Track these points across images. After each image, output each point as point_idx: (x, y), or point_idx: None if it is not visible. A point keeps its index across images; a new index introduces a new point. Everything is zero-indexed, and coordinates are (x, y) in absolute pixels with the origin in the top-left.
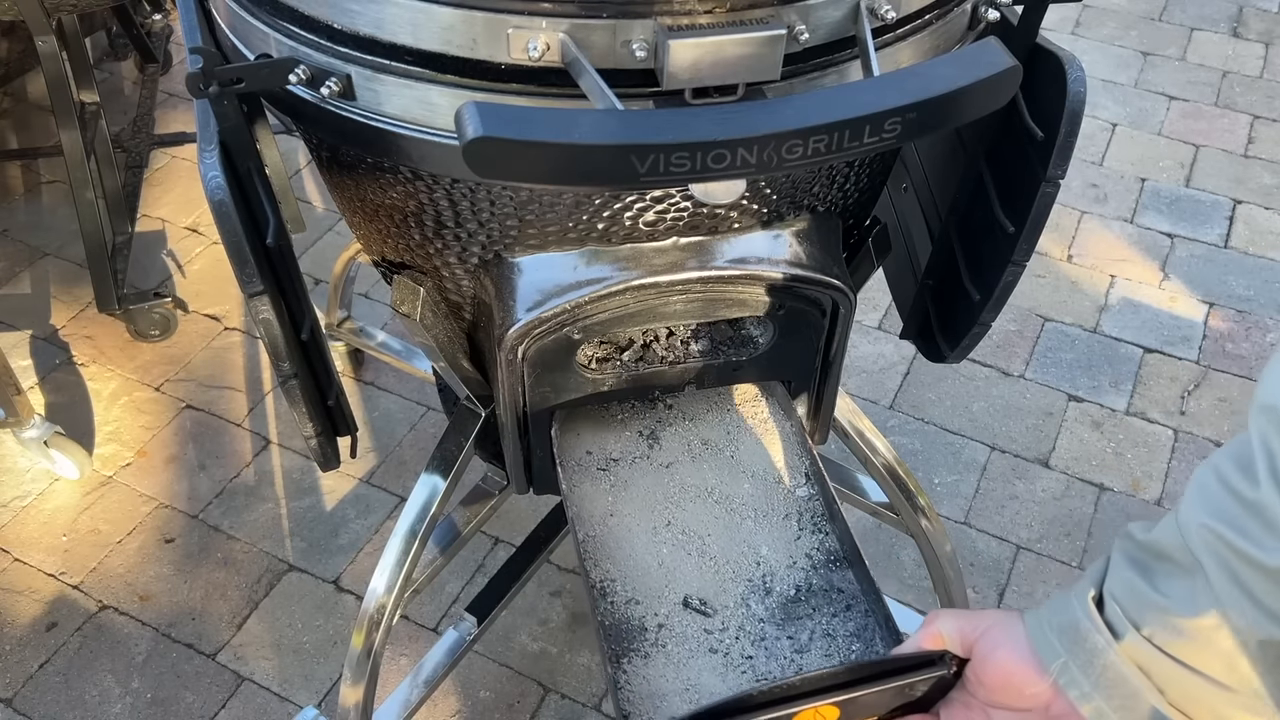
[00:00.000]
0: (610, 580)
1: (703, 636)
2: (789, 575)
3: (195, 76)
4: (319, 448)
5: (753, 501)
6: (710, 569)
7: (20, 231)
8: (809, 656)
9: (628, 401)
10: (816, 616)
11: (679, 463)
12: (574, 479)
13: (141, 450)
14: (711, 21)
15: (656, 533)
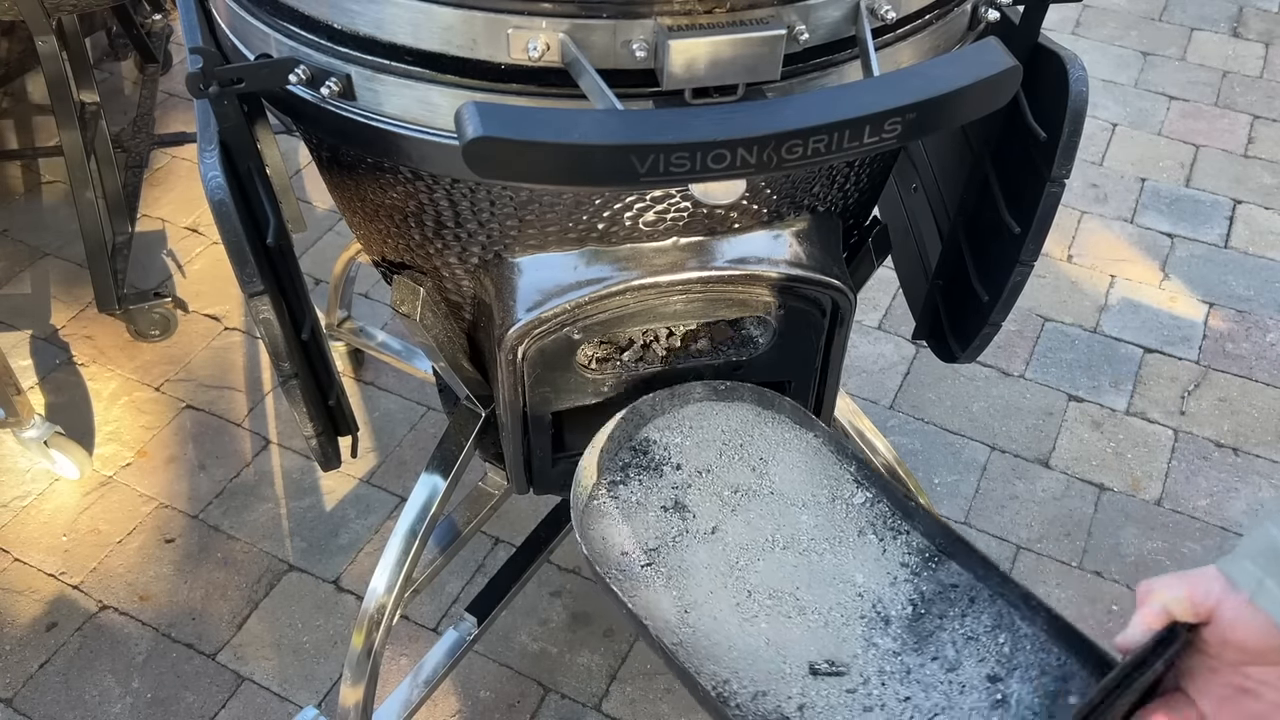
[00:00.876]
0: (724, 681)
1: (849, 699)
2: (897, 594)
3: (195, 76)
4: (319, 448)
5: (819, 532)
6: (818, 623)
7: (20, 231)
8: (965, 669)
9: (633, 481)
10: (947, 625)
11: (723, 524)
12: (627, 589)
13: (141, 450)
14: (711, 22)
15: (743, 608)
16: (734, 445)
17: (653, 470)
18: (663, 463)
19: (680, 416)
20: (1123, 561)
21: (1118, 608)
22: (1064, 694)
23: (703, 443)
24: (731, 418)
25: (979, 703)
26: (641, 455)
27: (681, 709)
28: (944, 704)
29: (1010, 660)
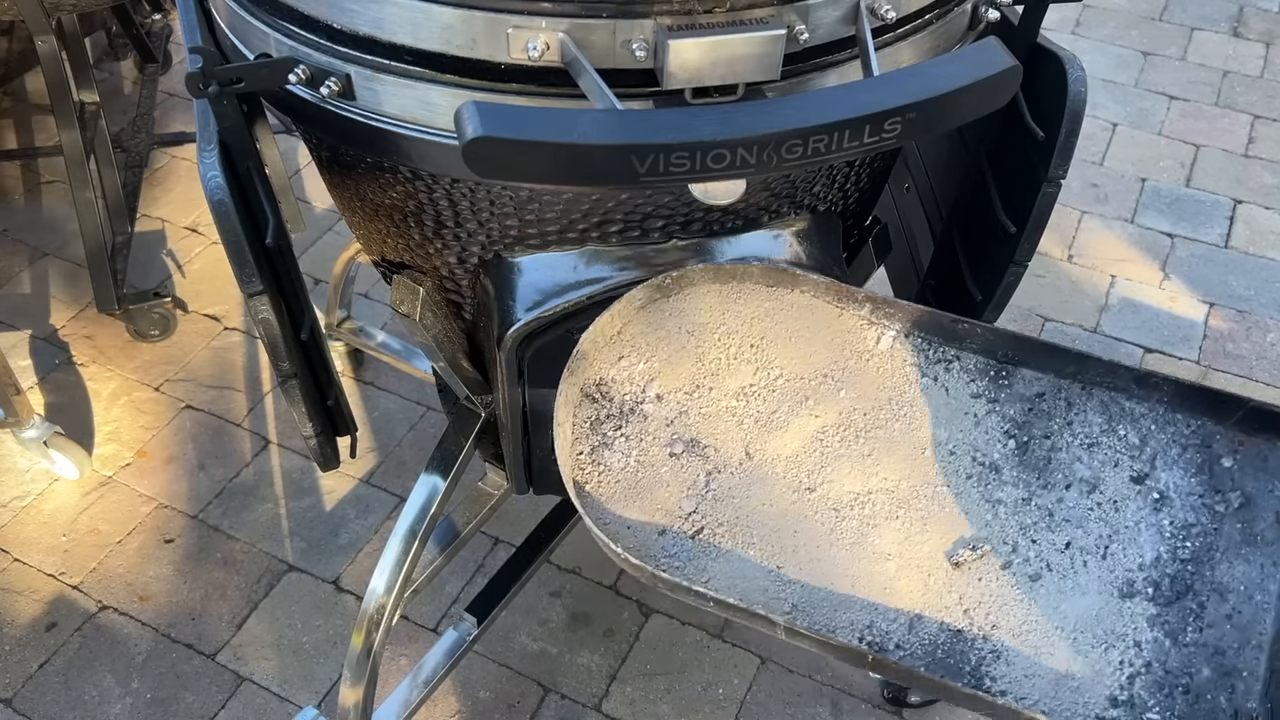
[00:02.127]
0: (867, 627)
1: (1009, 578)
2: (988, 433)
3: (195, 76)
4: (318, 448)
5: (863, 402)
6: (927, 508)
7: (20, 231)
8: (1105, 483)
9: (615, 439)
10: (1059, 442)
11: (752, 442)
12: (692, 573)
13: (141, 450)
14: (711, 21)
15: (838, 531)
16: (710, 342)
17: (630, 415)
18: (637, 401)
19: (627, 335)
20: None
21: None
22: (1215, 459)
23: (669, 355)
24: (689, 311)
25: (1140, 512)
26: (606, 402)
27: (682, 709)
28: (1107, 533)
29: (1143, 451)
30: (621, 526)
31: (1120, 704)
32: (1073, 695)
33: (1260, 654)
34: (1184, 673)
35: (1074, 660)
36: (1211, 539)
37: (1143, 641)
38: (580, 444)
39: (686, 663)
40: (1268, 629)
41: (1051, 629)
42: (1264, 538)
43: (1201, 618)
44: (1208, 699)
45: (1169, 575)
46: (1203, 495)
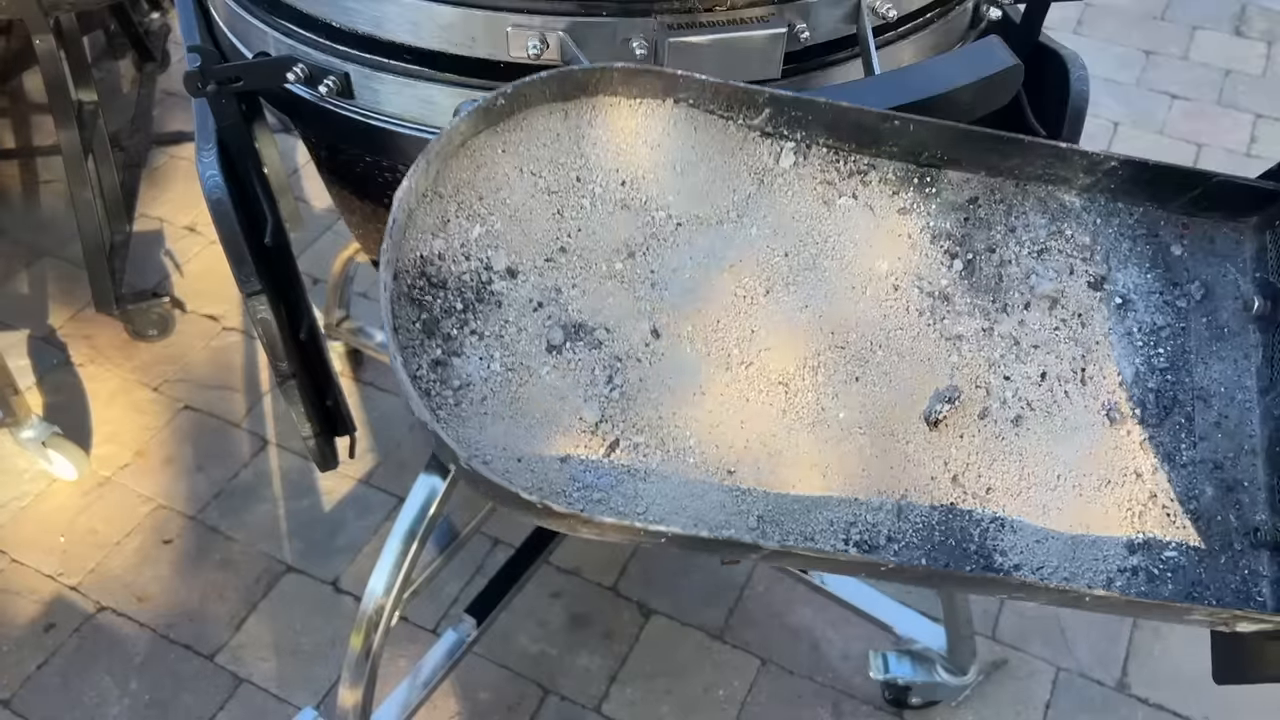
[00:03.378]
0: (850, 525)
1: (989, 427)
2: (928, 256)
3: (193, 75)
4: (317, 448)
5: (781, 241)
6: (886, 363)
7: (18, 231)
8: (1066, 296)
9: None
10: (1006, 255)
11: (656, 312)
12: (619, 501)
13: (140, 451)
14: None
15: (791, 412)
16: (567, 186)
17: (476, 303)
18: (482, 282)
19: (448, 189)
20: None
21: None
22: (1164, 248)
23: (514, 212)
24: (530, 145)
25: (1108, 323)
26: (438, 291)
27: (682, 711)
28: (1080, 353)
29: (1094, 251)
30: (509, 462)
31: (1137, 548)
32: (1091, 551)
33: (1255, 460)
34: (1189, 497)
35: (1082, 509)
36: (1182, 340)
37: (1142, 470)
38: (414, 356)
39: (687, 664)
40: (1256, 431)
41: (1050, 478)
42: (1230, 329)
43: (1192, 432)
44: (1218, 520)
45: (1151, 390)
46: (1163, 292)
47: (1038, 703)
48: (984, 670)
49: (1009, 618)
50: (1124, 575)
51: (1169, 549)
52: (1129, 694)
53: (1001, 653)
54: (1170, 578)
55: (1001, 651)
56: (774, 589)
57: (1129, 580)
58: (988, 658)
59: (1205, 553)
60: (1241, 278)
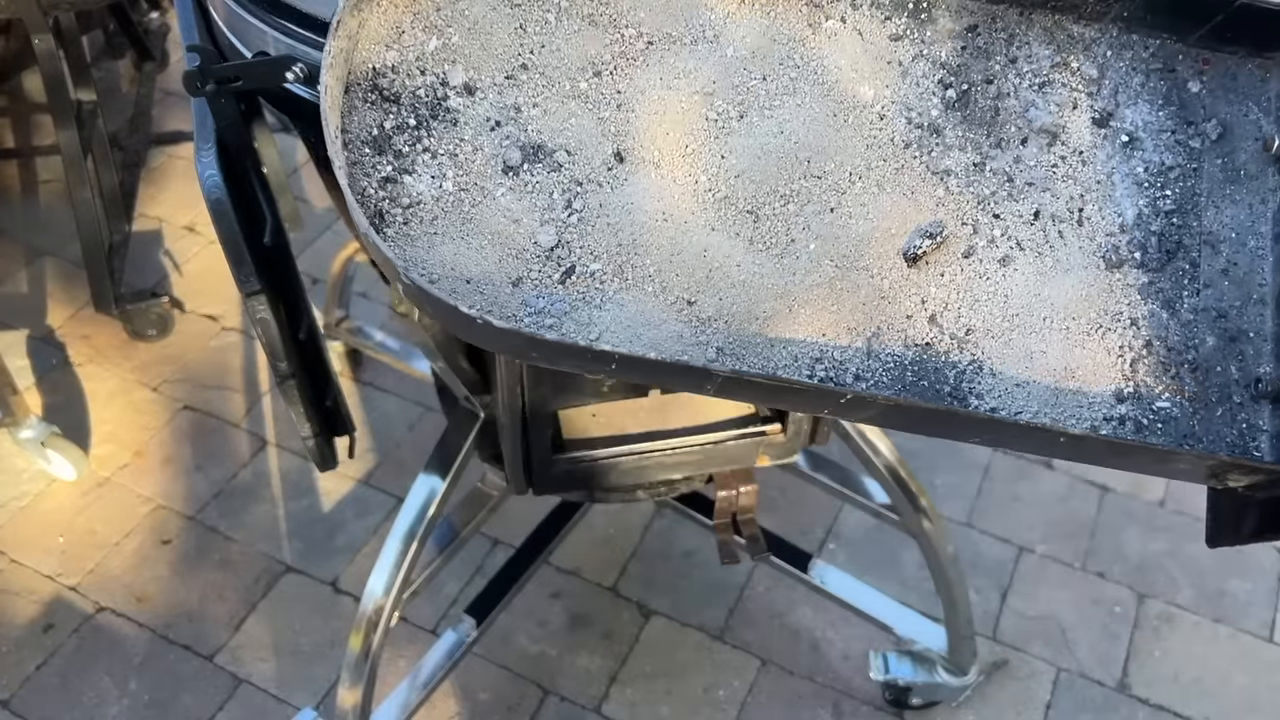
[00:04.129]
0: (815, 360)
1: (974, 266)
2: (920, 87)
3: (192, 74)
4: (317, 448)
5: (761, 64)
6: (869, 197)
7: (17, 231)
8: (1067, 132)
9: (415, 155)
10: (1005, 86)
11: (622, 134)
12: (572, 323)
13: (139, 451)
14: None
15: (759, 243)
16: (530, 1)
17: (431, 120)
18: (437, 97)
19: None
20: (1126, 563)
21: (1120, 609)
22: (1181, 85)
23: (472, 25)
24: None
25: (1111, 161)
26: (390, 105)
27: (682, 711)
28: (1078, 192)
29: (1102, 85)
30: (458, 282)
31: (1127, 398)
32: (1075, 398)
33: (1264, 309)
34: (1187, 347)
35: (1069, 354)
36: (1193, 182)
37: (1139, 317)
38: (363, 173)
39: (687, 664)
40: (1268, 279)
41: (1036, 321)
42: (1247, 171)
43: (1196, 278)
44: (1217, 371)
45: (1155, 234)
46: (1175, 131)
47: (1038, 703)
48: (984, 671)
49: (1010, 618)
50: (1110, 424)
51: (1161, 399)
52: (1129, 694)
53: (1002, 653)
54: (1160, 429)
55: (1002, 652)
56: (774, 589)
57: (1115, 429)
58: (988, 658)
59: (1201, 404)
60: (1265, 117)
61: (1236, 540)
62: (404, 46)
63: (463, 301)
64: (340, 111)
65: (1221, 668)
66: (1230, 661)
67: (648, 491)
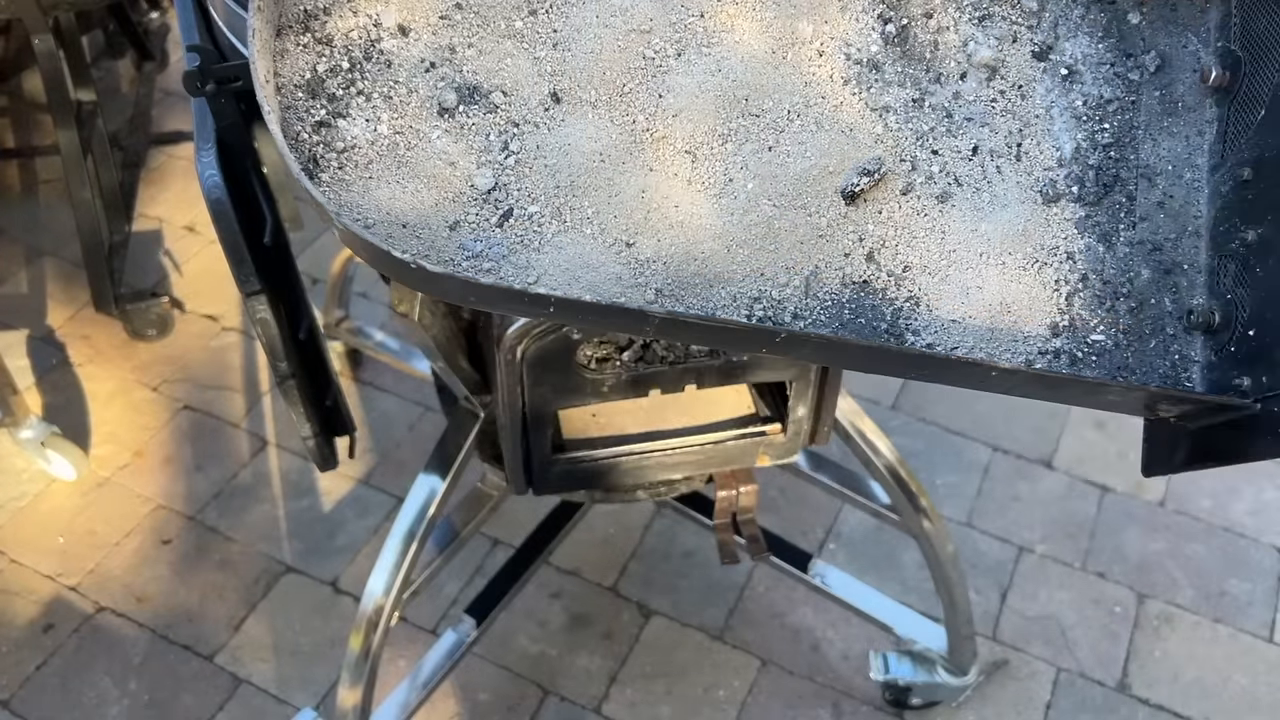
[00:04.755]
0: (754, 300)
1: (913, 203)
2: (858, 20)
3: (192, 74)
4: (317, 448)
5: (751, 39)
6: (807, 132)
7: (17, 231)
8: (1006, 67)
9: (349, 98)
10: (945, 19)
11: (558, 73)
12: (510, 267)
13: (139, 451)
14: None
15: (697, 180)
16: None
17: (365, 62)
18: (371, 39)
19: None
20: (1126, 563)
21: (1120, 609)
22: (1120, 17)
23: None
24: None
25: (1050, 95)
26: (323, 48)
27: (682, 712)
28: (1017, 127)
29: (1041, 18)
30: (394, 227)
31: (1061, 331)
32: (1010, 332)
33: (1199, 241)
34: (1123, 280)
35: (1005, 289)
36: (1130, 115)
37: (1075, 251)
38: (297, 118)
39: (687, 665)
40: (1203, 211)
41: (973, 257)
42: (1185, 103)
43: (1133, 211)
44: (1151, 304)
45: (1092, 167)
46: (1114, 64)
47: (1038, 703)
48: (984, 671)
49: (1010, 618)
50: (1045, 358)
51: (1096, 332)
52: (1129, 694)
53: (1002, 653)
54: (1095, 361)
55: (1002, 652)
56: (774, 589)
57: (1050, 362)
58: (988, 658)
59: (1135, 336)
60: (1204, 48)
61: (1169, 469)
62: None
63: (398, 246)
64: (272, 55)
65: (1221, 668)
66: (1230, 661)
67: (648, 491)
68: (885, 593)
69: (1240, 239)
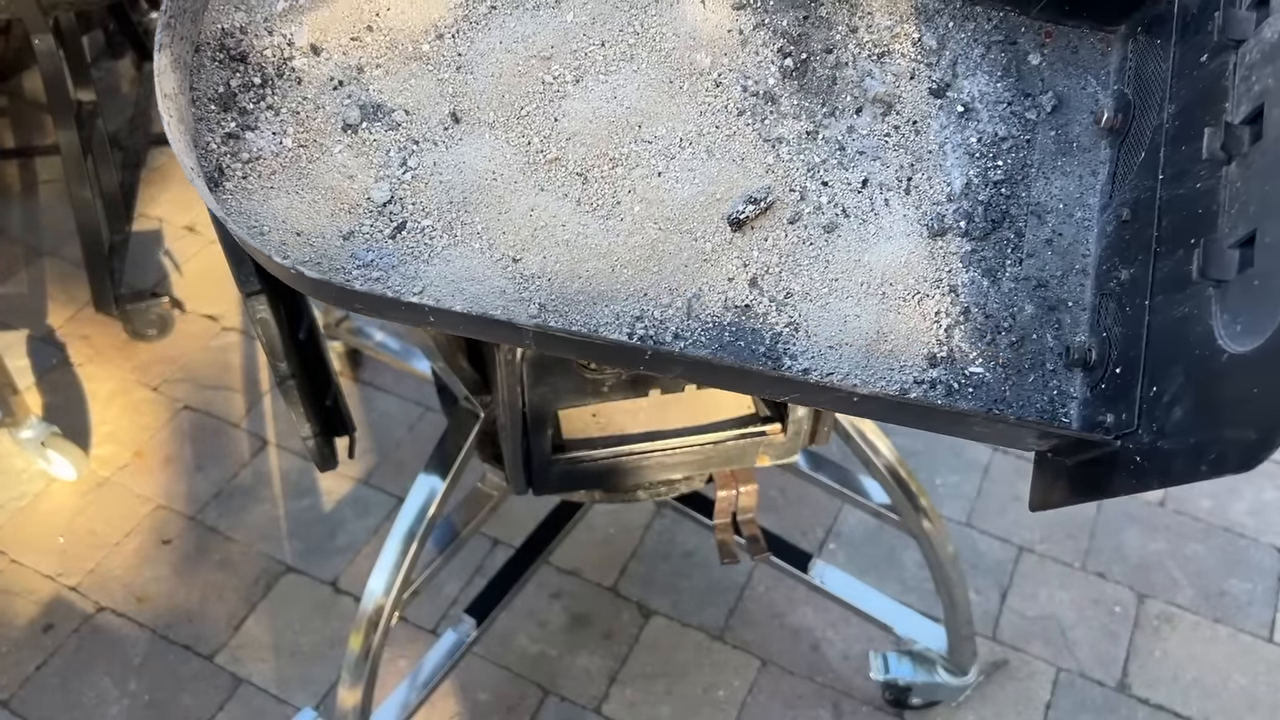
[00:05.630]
0: (636, 319)
1: (799, 233)
2: (758, 54)
3: None
4: (317, 448)
5: (600, 30)
6: (696, 160)
7: (17, 231)
8: (902, 102)
9: (258, 112)
10: (843, 55)
11: (459, 97)
12: (401, 278)
13: (139, 451)
14: None
15: (587, 202)
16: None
17: (276, 79)
18: (283, 58)
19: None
20: (1125, 563)
21: (1120, 609)
22: (1021, 57)
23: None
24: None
25: (945, 131)
26: (237, 65)
27: (682, 712)
28: (909, 161)
29: (941, 56)
30: (288, 234)
31: (940, 362)
32: (887, 360)
33: (1085, 279)
34: (1005, 314)
35: (884, 319)
36: (1025, 153)
37: (959, 285)
38: (208, 128)
39: (686, 665)
40: (1091, 249)
41: (855, 286)
42: (1080, 144)
43: (1020, 247)
44: (1033, 339)
45: (982, 203)
46: (1011, 102)
47: (1038, 703)
48: (984, 671)
49: (1010, 618)
50: (920, 387)
51: (974, 364)
52: (1129, 694)
53: (1002, 653)
54: (972, 393)
55: (1002, 652)
56: (774, 589)
57: (925, 392)
58: (988, 658)
59: (1014, 370)
60: (1101, 90)
61: (1050, 503)
62: (252, 8)
63: (289, 253)
64: (189, 70)
65: (1221, 667)
66: (1230, 661)
67: (648, 491)
68: (885, 593)
69: (1117, 278)
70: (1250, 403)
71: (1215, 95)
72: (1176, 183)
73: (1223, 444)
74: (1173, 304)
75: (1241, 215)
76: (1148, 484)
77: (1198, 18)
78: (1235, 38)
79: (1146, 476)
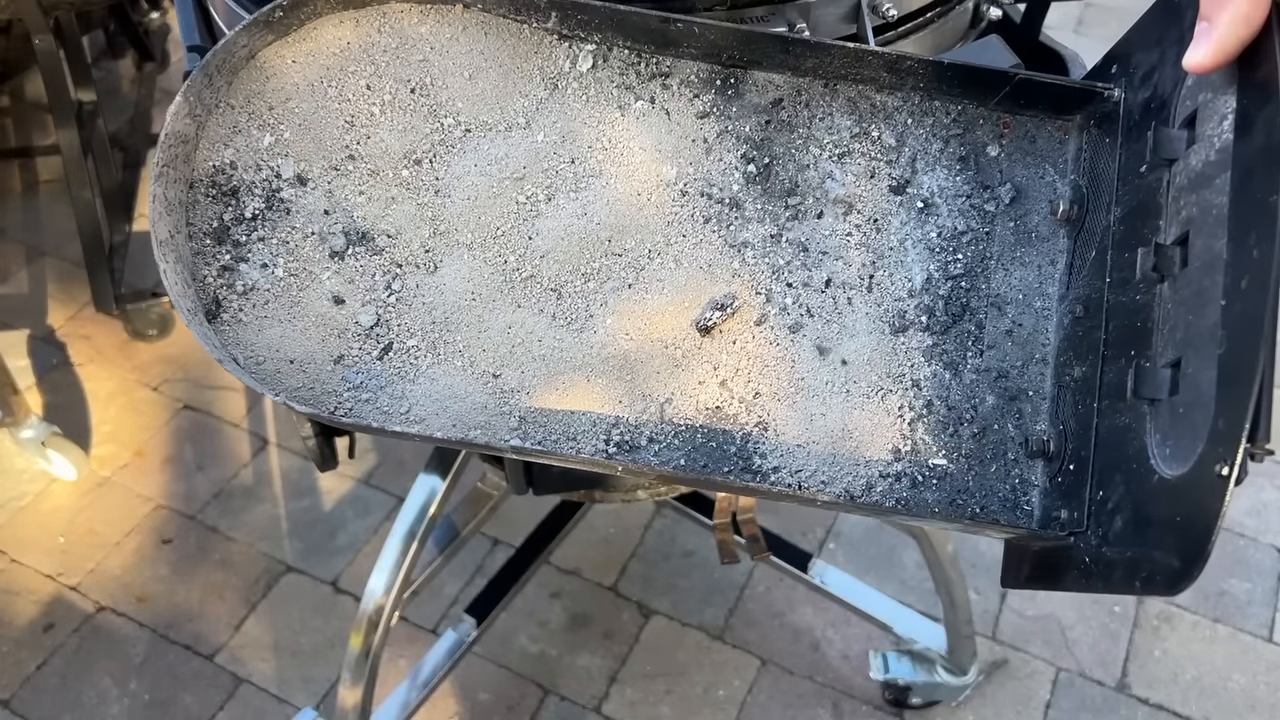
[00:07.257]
0: (611, 426)
1: (762, 336)
2: (722, 160)
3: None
4: (317, 448)
5: (569, 148)
6: (662, 270)
7: (17, 231)
8: (862, 201)
9: (253, 237)
10: (805, 158)
11: (440, 214)
12: (382, 407)
13: (139, 451)
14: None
15: (562, 317)
16: (357, 94)
17: (266, 211)
18: (272, 190)
19: (238, 100)
20: None
21: (1120, 609)
22: (979, 149)
23: (304, 120)
24: (319, 55)
25: (905, 228)
26: (229, 199)
27: (682, 711)
28: (870, 259)
29: (900, 153)
30: (282, 363)
31: (904, 455)
32: (853, 456)
33: (1045, 368)
34: (967, 405)
35: (848, 416)
36: (984, 245)
37: (921, 379)
38: (204, 261)
39: (687, 664)
40: (1050, 339)
41: (820, 385)
42: (1039, 233)
43: (981, 339)
44: (995, 429)
45: (943, 297)
46: (970, 195)
47: (1038, 703)
48: (984, 670)
49: (1009, 618)
50: (886, 480)
51: (937, 456)
52: (1129, 694)
53: (1002, 653)
54: (935, 484)
55: (1002, 651)
56: (774, 589)
57: (891, 485)
58: (988, 658)
59: (977, 460)
60: (1060, 179)
61: (1017, 584)
62: (240, 145)
63: (283, 382)
64: (185, 209)
65: (1221, 667)
66: (1230, 661)
67: (648, 491)
68: (885, 592)
69: (1070, 374)
70: (1175, 529)
71: (1151, 210)
72: (1121, 289)
73: (1153, 564)
74: (1116, 411)
75: (1171, 339)
76: (1094, 587)
77: (1139, 124)
78: (1166, 157)
79: (1093, 580)
